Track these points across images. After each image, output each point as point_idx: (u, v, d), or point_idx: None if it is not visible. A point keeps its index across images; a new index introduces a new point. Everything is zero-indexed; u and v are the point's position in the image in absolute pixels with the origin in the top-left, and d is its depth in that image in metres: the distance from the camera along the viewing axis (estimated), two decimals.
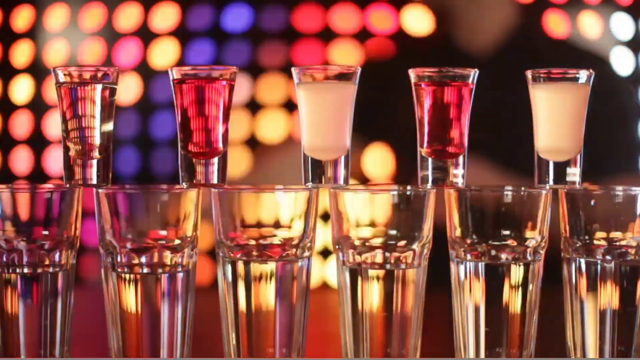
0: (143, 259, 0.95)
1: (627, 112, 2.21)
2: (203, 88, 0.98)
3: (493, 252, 0.98)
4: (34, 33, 2.36)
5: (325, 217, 1.03)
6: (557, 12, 2.38)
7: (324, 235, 2.02)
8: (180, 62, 2.31)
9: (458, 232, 0.98)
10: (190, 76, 0.98)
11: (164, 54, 2.34)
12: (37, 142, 2.34)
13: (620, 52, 2.37)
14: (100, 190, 0.96)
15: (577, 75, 1.00)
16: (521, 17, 2.29)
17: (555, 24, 2.38)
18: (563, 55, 2.06)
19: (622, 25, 2.37)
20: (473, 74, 1.00)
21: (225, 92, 0.98)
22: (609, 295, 0.97)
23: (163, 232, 0.95)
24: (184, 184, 0.98)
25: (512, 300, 0.98)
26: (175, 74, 0.98)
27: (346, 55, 2.28)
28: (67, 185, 0.97)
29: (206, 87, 0.98)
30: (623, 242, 0.98)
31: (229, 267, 0.97)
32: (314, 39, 2.30)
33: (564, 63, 1.09)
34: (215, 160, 0.98)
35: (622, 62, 2.37)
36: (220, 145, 0.98)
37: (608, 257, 0.98)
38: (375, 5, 2.31)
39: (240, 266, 0.96)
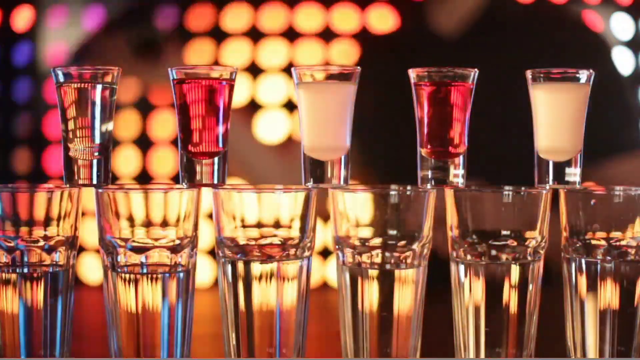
0: (143, 259, 0.95)
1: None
2: (203, 88, 0.98)
3: (493, 252, 0.98)
4: (34, 33, 2.36)
5: (326, 217, 1.03)
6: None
7: (324, 235, 2.03)
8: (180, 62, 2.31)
9: (458, 232, 0.98)
10: (190, 76, 0.98)
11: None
12: (37, 142, 2.33)
13: (620, 52, 2.37)
14: (100, 190, 0.96)
15: (577, 75, 1.00)
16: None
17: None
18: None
19: (622, 25, 2.37)
20: (473, 73, 1.00)
21: (225, 92, 0.98)
22: (609, 295, 0.97)
23: (163, 232, 0.95)
24: (184, 184, 0.98)
25: (512, 300, 0.97)
26: (175, 74, 0.98)
27: (346, 55, 2.28)
28: (67, 185, 0.97)
29: (206, 87, 0.98)
30: (623, 242, 0.98)
31: (229, 267, 0.97)
32: (314, 39, 2.30)
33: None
34: (215, 160, 0.98)
35: (622, 62, 2.37)
36: (220, 145, 0.98)
37: (608, 257, 0.98)
38: (376, 5, 2.31)
39: (240, 266, 0.96)
